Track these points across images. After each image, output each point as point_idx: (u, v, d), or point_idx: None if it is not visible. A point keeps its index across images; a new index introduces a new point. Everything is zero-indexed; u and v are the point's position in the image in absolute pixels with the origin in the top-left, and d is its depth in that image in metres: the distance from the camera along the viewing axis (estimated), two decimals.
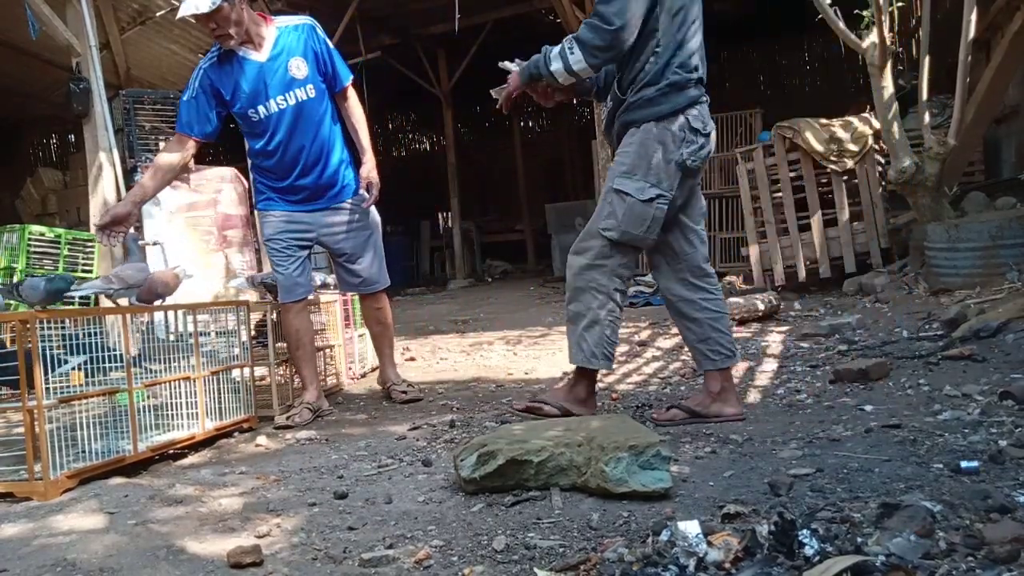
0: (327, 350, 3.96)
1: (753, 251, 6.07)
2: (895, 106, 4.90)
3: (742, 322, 4.76)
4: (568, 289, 2.59)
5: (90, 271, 4.47)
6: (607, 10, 2.35)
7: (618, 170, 2.52)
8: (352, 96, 3.40)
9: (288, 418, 3.19)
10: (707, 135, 2.51)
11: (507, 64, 2.66)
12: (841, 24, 4.81)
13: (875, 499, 1.69)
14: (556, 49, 2.44)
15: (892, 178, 4.99)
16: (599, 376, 2.76)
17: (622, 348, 4.45)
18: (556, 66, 2.45)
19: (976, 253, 4.43)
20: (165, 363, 2.84)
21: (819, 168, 5.80)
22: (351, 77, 3.36)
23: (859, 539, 1.45)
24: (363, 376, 4.28)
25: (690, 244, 2.64)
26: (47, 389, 2.35)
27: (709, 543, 1.48)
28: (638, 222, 2.47)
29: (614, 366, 2.78)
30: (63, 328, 2.53)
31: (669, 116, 2.45)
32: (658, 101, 2.45)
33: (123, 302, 2.97)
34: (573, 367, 2.68)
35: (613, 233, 2.50)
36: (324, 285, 4.15)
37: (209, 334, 3.15)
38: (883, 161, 5.64)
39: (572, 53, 2.41)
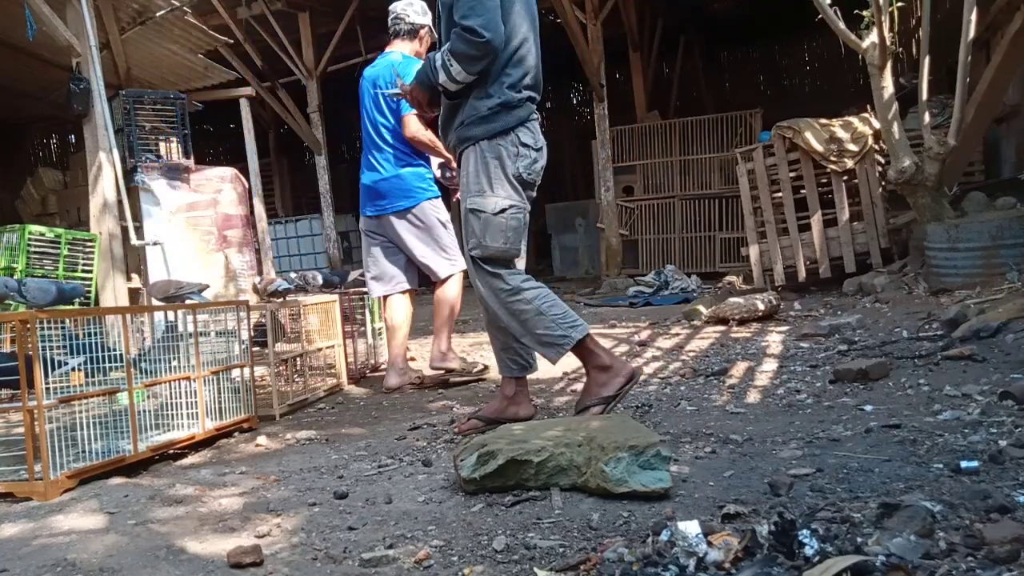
0: (327, 350, 3.96)
1: (753, 251, 6.07)
2: (895, 106, 4.90)
3: (742, 322, 4.76)
4: (501, 319, 2.63)
5: (90, 271, 4.47)
6: (474, 23, 2.41)
7: (469, 191, 2.59)
8: None
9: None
10: (539, 149, 2.61)
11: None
12: (841, 24, 4.81)
13: (875, 499, 1.69)
14: (439, 62, 2.52)
15: (892, 178, 4.99)
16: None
17: (622, 348, 4.45)
18: (443, 77, 2.53)
19: (976, 253, 4.43)
20: (175, 360, 2.84)
21: (819, 168, 5.80)
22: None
23: (859, 539, 1.45)
24: (363, 376, 4.28)
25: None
26: (47, 389, 2.35)
27: (709, 543, 1.48)
28: (497, 235, 2.55)
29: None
30: (63, 328, 2.53)
31: (500, 134, 2.54)
32: (491, 119, 2.53)
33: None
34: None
35: (477, 251, 2.57)
36: (327, 284, 4.15)
37: (209, 334, 3.15)
38: (883, 161, 5.65)
39: (452, 65, 2.49)
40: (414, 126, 3.44)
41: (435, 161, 3.62)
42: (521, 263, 2.68)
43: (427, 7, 3.60)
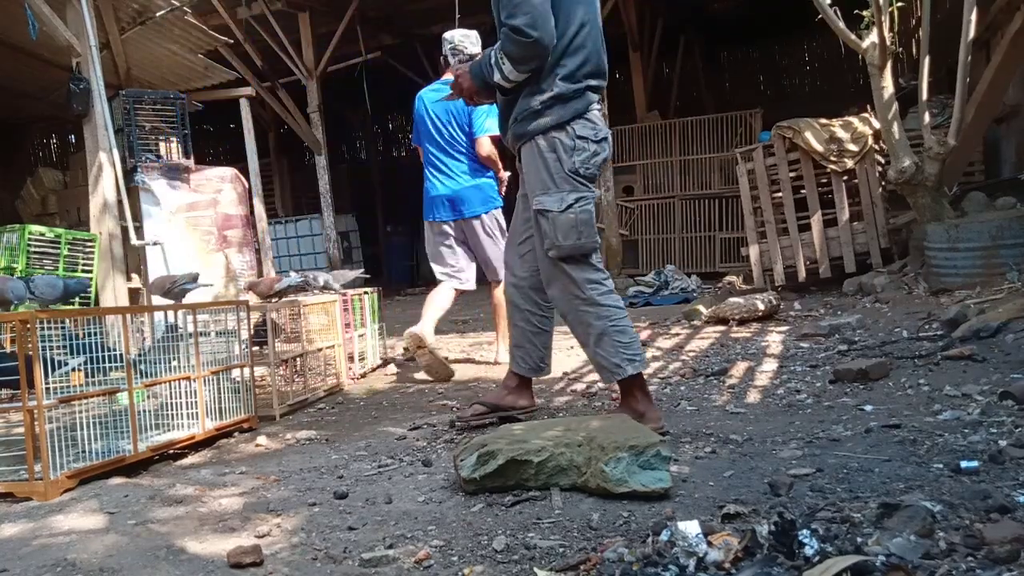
0: (327, 350, 3.96)
1: (753, 251, 6.07)
2: (895, 106, 4.90)
3: (742, 322, 4.77)
4: (567, 321, 2.59)
5: (90, 271, 4.47)
6: (520, 22, 2.34)
7: (533, 192, 2.54)
8: None
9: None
10: (598, 141, 2.50)
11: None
12: (841, 24, 4.81)
13: (875, 499, 1.69)
14: (492, 60, 2.47)
15: (892, 178, 4.99)
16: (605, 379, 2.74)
17: None
18: (498, 76, 2.48)
19: (976, 253, 4.43)
20: (175, 360, 2.84)
21: (819, 168, 5.80)
22: None
23: (859, 539, 1.45)
24: (363, 376, 4.28)
25: (537, 262, 2.65)
26: (47, 389, 2.35)
27: (709, 543, 1.48)
28: (569, 232, 2.47)
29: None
30: (63, 328, 2.53)
31: (555, 128, 2.46)
32: (544, 113, 2.46)
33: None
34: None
35: (553, 252, 2.50)
36: (326, 286, 4.15)
37: (209, 334, 3.15)
38: (883, 161, 5.65)
39: (505, 65, 2.44)
40: (488, 146, 3.89)
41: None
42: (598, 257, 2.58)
43: (479, 36, 4.01)
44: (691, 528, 1.50)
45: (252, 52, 8.35)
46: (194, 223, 5.10)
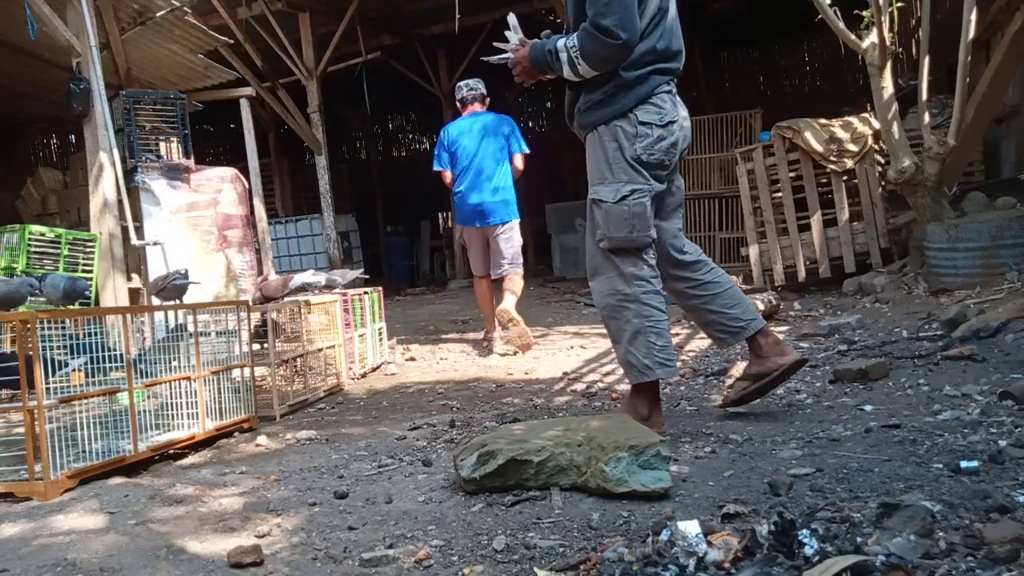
0: (327, 350, 3.96)
1: (753, 251, 6.07)
2: (895, 106, 4.90)
3: None
4: (601, 314, 2.53)
5: (90, 271, 4.46)
6: (609, 22, 2.27)
7: (591, 181, 2.51)
8: None
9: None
10: (664, 126, 2.42)
11: (507, 40, 2.63)
12: (841, 24, 4.81)
13: (875, 499, 1.69)
14: (563, 55, 2.39)
15: (892, 178, 4.99)
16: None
17: None
18: (567, 71, 2.42)
19: (976, 253, 4.43)
20: (175, 360, 2.84)
21: (819, 168, 5.80)
22: None
23: (859, 539, 1.45)
24: (363, 376, 4.28)
25: (661, 242, 2.54)
26: (47, 389, 2.35)
27: (709, 543, 1.48)
28: (621, 224, 2.41)
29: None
30: (64, 328, 2.53)
31: (618, 116, 2.42)
32: (606, 103, 2.43)
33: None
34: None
35: (604, 242, 2.46)
36: (329, 285, 4.15)
37: (210, 334, 3.15)
38: (883, 161, 5.64)
39: (579, 64, 2.38)
40: (523, 166, 4.83)
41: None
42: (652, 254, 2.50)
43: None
44: (691, 528, 1.50)
45: (252, 52, 8.34)
46: (194, 223, 5.10)
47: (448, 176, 4.88)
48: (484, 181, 4.74)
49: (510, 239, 4.80)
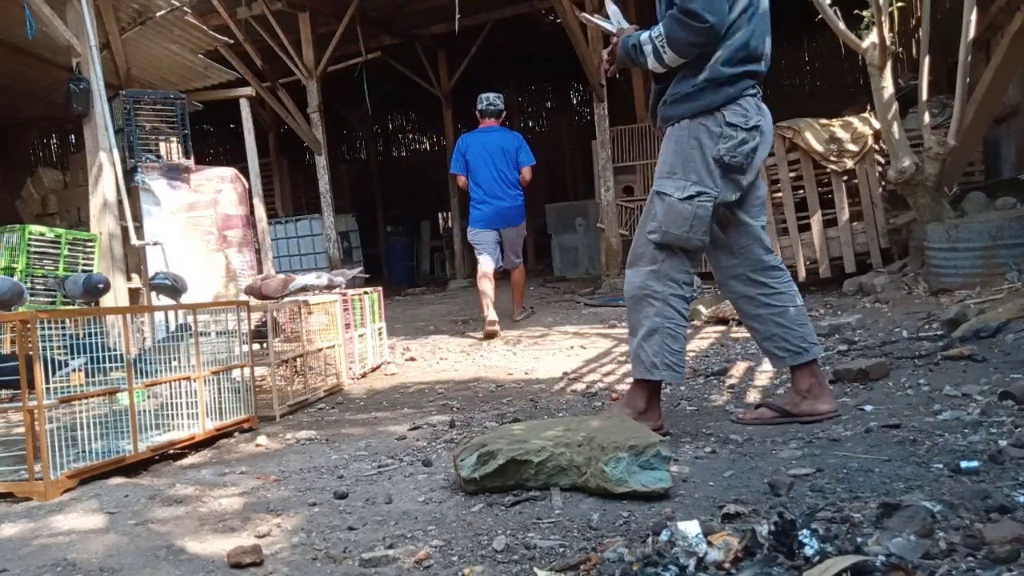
0: (327, 350, 3.96)
1: None
2: (895, 106, 4.90)
3: (742, 322, 4.76)
4: (626, 302, 2.50)
5: (90, 271, 4.46)
6: (696, 6, 2.24)
7: (660, 172, 2.46)
8: None
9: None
10: (749, 129, 2.38)
11: (609, 15, 2.58)
12: (841, 24, 4.81)
13: (875, 499, 1.69)
14: (648, 47, 2.36)
15: (892, 178, 4.99)
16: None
17: (622, 348, 4.45)
18: (652, 63, 2.38)
19: (976, 253, 4.43)
20: (175, 360, 2.84)
21: (819, 168, 5.80)
22: None
23: (859, 539, 1.45)
24: (363, 376, 4.28)
25: (745, 238, 2.51)
26: (47, 389, 2.35)
27: (709, 543, 1.48)
28: (679, 222, 2.37)
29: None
30: (64, 328, 2.53)
31: (703, 113, 2.37)
32: (695, 97, 2.37)
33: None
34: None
35: (656, 235, 2.41)
36: (330, 285, 4.15)
37: (209, 334, 3.15)
38: (883, 161, 5.64)
39: (665, 52, 2.33)
40: (530, 176, 5.65)
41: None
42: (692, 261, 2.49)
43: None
44: (691, 528, 1.50)
45: (252, 52, 8.34)
46: (194, 223, 5.10)
47: (462, 180, 5.66)
48: (498, 190, 5.54)
49: (518, 239, 5.70)
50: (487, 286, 5.45)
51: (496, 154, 5.54)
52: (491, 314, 5.32)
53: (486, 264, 5.52)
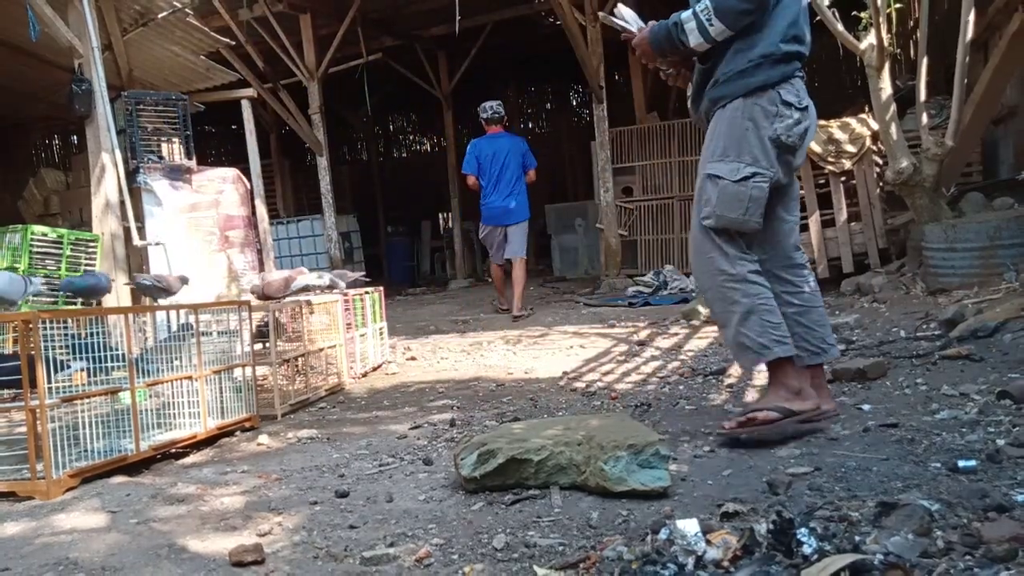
0: (328, 349, 3.97)
1: None
2: (893, 107, 4.91)
3: None
4: (706, 299, 2.41)
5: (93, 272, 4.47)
6: None
7: (710, 155, 2.34)
8: None
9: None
10: (802, 109, 2.30)
11: (621, 13, 2.52)
12: (839, 25, 4.82)
13: (873, 498, 1.70)
14: (691, 23, 2.24)
15: (890, 179, 5.00)
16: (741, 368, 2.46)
17: (621, 348, 4.46)
18: (695, 40, 2.26)
19: (974, 253, 4.44)
20: (177, 359, 2.85)
21: (817, 169, 5.81)
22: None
23: (857, 538, 1.46)
24: (364, 375, 4.29)
25: (776, 233, 2.43)
26: (49, 388, 2.36)
27: (708, 541, 1.49)
28: (734, 204, 2.26)
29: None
30: (66, 328, 2.54)
31: (758, 90, 2.26)
32: (750, 73, 2.26)
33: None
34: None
35: (711, 220, 2.30)
36: (332, 285, 4.16)
37: (211, 333, 3.16)
38: (881, 162, 5.65)
39: (712, 24, 2.22)
40: (534, 176, 6.34)
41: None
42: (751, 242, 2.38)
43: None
44: (690, 527, 1.51)
45: (253, 53, 8.35)
46: (196, 224, 5.11)
47: (472, 179, 6.26)
48: (505, 191, 6.16)
49: (521, 233, 6.31)
50: (498, 275, 6.50)
51: (505, 157, 6.16)
52: (503, 302, 6.40)
53: (496, 257, 6.41)
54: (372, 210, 12.81)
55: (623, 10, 2.56)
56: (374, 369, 4.45)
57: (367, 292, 4.51)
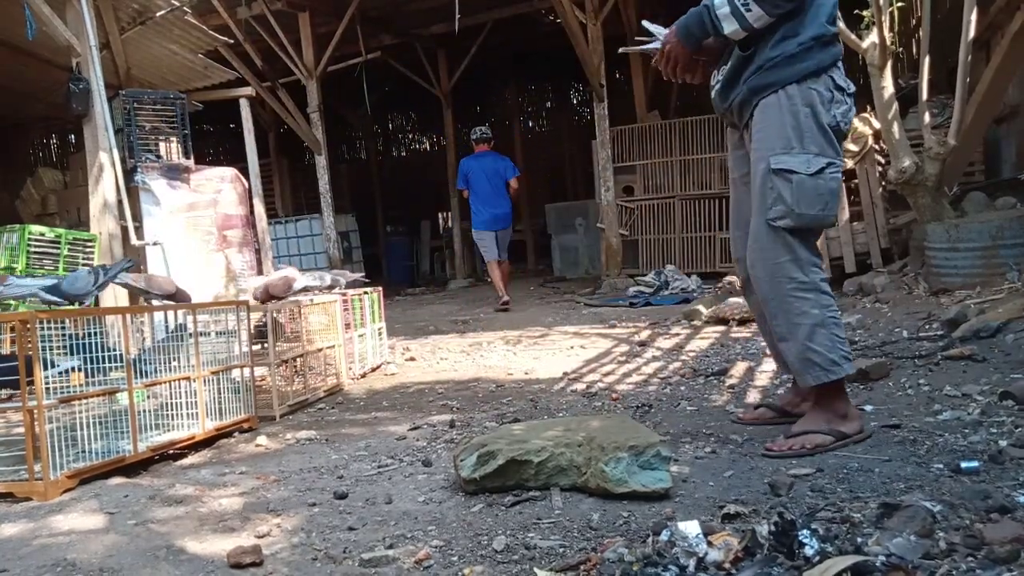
0: (327, 350, 3.96)
1: None
2: (895, 106, 4.90)
3: (742, 322, 4.77)
4: (769, 308, 2.21)
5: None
6: None
7: (769, 148, 2.14)
8: None
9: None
10: (851, 94, 2.18)
11: (650, 27, 2.37)
12: (841, 24, 4.77)
13: (875, 499, 1.69)
14: (725, 8, 2.08)
15: (892, 178, 4.99)
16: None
17: (622, 348, 4.45)
18: (731, 27, 2.10)
19: (976, 253, 4.43)
20: (175, 360, 2.84)
21: None
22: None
23: (859, 539, 1.45)
24: (363, 376, 4.28)
25: None
26: (47, 389, 2.35)
27: (709, 543, 1.48)
28: (814, 200, 2.10)
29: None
30: (63, 328, 2.53)
31: (812, 75, 2.11)
32: (802, 57, 2.11)
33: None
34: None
35: (787, 220, 2.11)
36: (333, 285, 4.15)
37: (209, 334, 3.15)
38: (883, 161, 5.65)
39: (750, 10, 2.06)
40: (516, 184, 7.31)
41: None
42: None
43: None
44: (691, 528, 1.50)
45: (252, 52, 8.35)
46: (194, 223, 5.10)
47: (466, 193, 7.34)
48: (493, 201, 7.21)
49: (507, 238, 7.38)
50: (496, 272, 7.20)
51: (491, 173, 7.20)
52: (504, 295, 7.02)
53: (491, 255, 7.24)
54: (371, 209, 12.81)
55: (647, 24, 2.41)
56: (373, 370, 4.43)
57: (366, 292, 4.50)
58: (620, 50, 2.60)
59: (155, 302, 3.25)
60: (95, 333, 2.62)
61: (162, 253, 4.81)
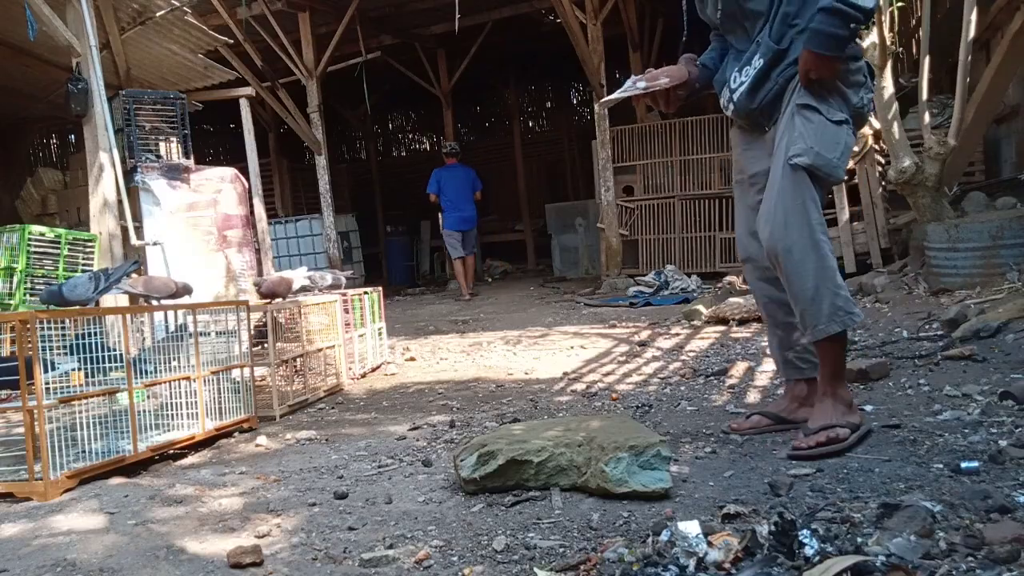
0: (327, 350, 3.96)
1: None
2: (895, 106, 4.90)
3: (742, 322, 4.77)
4: (793, 257, 2.09)
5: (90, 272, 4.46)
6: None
7: (799, 94, 2.11)
8: None
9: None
10: (872, 89, 2.19)
11: (612, 97, 2.35)
12: None
13: (875, 499, 1.69)
14: (835, 25, 2.00)
15: (892, 178, 4.99)
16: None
17: (622, 348, 4.45)
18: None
19: (976, 253, 4.43)
20: (175, 360, 2.84)
21: None
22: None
23: (859, 539, 1.45)
24: (363, 376, 4.28)
25: None
26: (47, 389, 2.35)
27: (709, 543, 1.48)
28: (831, 145, 2.06)
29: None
30: (63, 329, 2.53)
31: (852, 58, 2.11)
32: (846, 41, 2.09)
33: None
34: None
35: (805, 158, 2.05)
36: (334, 285, 4.15)
37: (209, 334, 3.15)
38: (883, 161, 5.65)
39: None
40: (479, 197, 8.78)
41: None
42: None
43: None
44: (691, 528, 1.50)
45: (252, 52, 8.35)
46: (194, 223, 5.10)
47: (434, 197, 8.62)
48: (462, 206, 8.59)
49: (473, 237, 8.84)
50: (460, 271, 8.57)
51: (460, 182, 8.62)
52: (466, 294, 8.34)
53: (457, 253, 8.58)
54: (371, 209, 12.81)
55: (609, 98, 2.37)
56: (373, 370, 4.43)
57: (366, 292, 4.50)
58: (599, 104, 2.55)
59: (155, 302, 3.25)
60: (95, 333, 2.62)
61: (162, 253, 4.81)
